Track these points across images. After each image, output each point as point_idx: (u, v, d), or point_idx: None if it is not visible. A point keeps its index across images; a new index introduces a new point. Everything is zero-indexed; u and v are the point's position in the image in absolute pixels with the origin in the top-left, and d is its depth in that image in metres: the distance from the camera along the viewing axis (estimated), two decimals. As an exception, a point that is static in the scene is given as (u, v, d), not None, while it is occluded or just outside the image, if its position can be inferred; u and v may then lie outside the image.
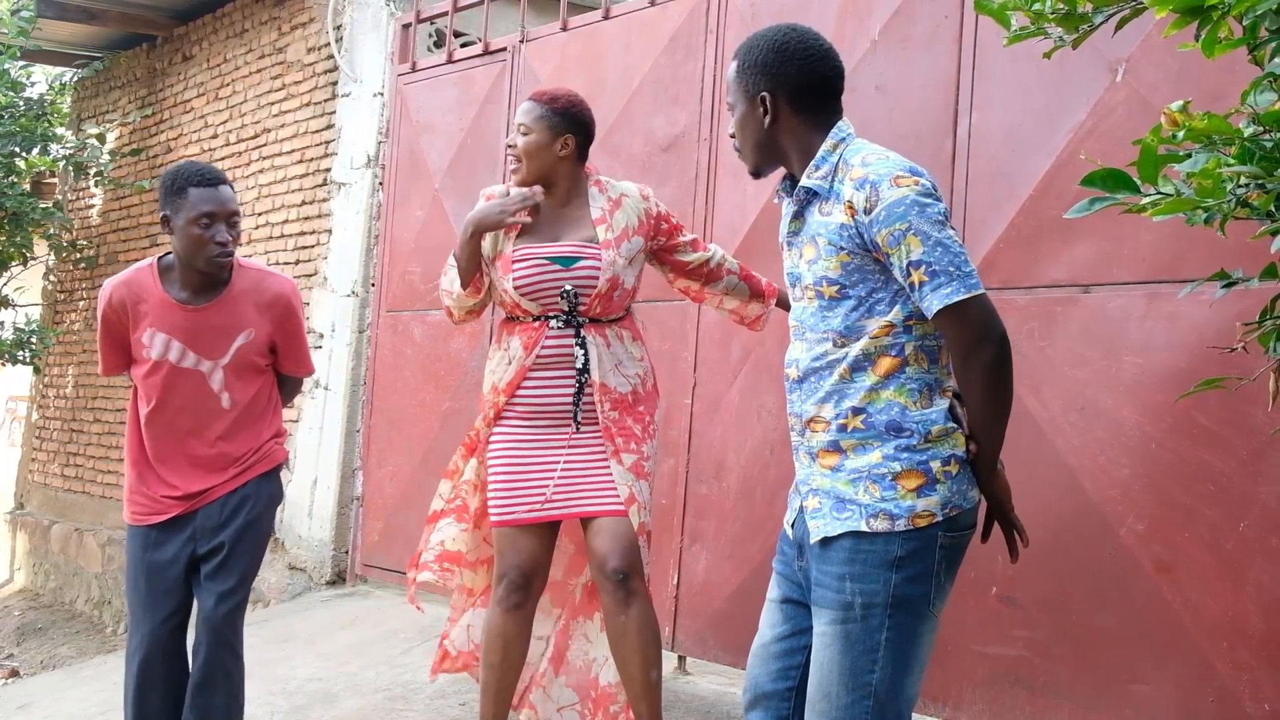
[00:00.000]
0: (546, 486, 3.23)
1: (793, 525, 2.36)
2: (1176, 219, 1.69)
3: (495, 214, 3.25)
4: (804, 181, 2.30)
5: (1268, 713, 2.84)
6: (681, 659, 4.29)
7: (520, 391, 3.27)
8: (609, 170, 4.67)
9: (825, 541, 2.21)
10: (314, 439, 6.35)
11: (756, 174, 2.45)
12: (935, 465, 2.18)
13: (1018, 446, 3.31)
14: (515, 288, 3.24)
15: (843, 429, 2.22)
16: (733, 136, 2.43)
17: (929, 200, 2.17)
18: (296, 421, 6.50)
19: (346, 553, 6.08)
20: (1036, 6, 1.84)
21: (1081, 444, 3.20)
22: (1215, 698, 2.92)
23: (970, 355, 2.16)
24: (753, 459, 4.03)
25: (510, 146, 3.32)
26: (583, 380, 3.24)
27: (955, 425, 2.22)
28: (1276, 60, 1.66)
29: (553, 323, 3.24)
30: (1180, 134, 1.66)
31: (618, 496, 3.20)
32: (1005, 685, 3.30)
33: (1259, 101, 1.62)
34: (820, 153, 2.30)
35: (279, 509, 3.66)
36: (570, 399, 3.24)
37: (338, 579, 6.09)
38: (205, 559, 3.26)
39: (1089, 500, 3.18)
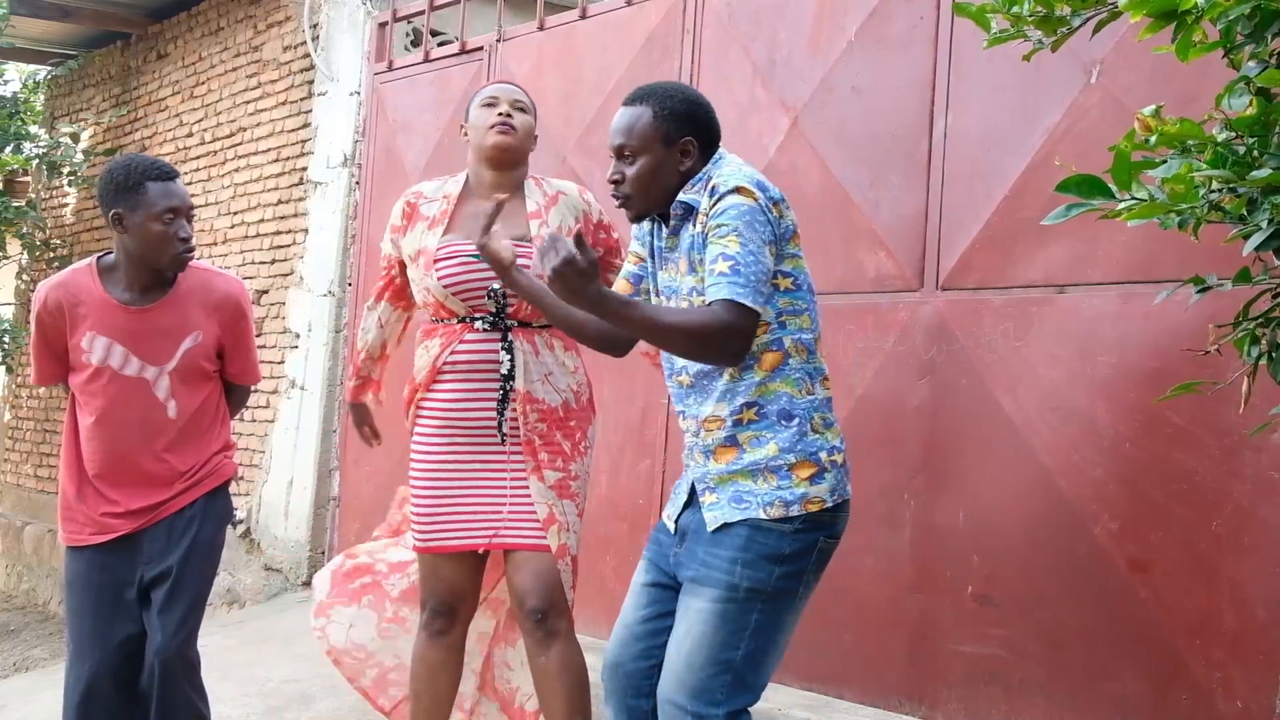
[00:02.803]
0: (470, 510, 3.01)
1: (676, 519, 2.48)
2: (1150, 221, 1.70)
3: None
4: (681, 195, 2.42)
5: (1240, 710, 2.86)
6: (659, 659, 4.29)
7: (441, 402, 3.04)
8: (585, 171, 4.68)
9: (724, 527, 2.35)
10: (290, 439, 6.32)
11: (640, 219, 2.52)
12: (823, 456, 2.36)
13: (993, 446, 3.34)
14: (443, 286, 2.99)
15: (738, 423, 2.37)
16: (616, 182, 2.46)
17: (763, 217, 2.31)
18: (272, 421, 6.47)
19: (323, 554, 6.06)
20: (1015, 9, 1.85)
21: (1056, 443, 3.22)
22: (1188, 695, 2.95)
23: (711, 315, 2.21)
24: (730, 459, 4.03)
25: (507, 115, 3.04)
26: (507, 388, 2.99)
27: (834, 418, 2.42)
28: (1250, 64, 1.67)
29: (478, 324, 3.01)
30: (1153, 139, 1.67)
31: (539, 526, 2.96)
32: (981, 684, 3.32)
33: (1233, 105, 1.63)
34: (699, 174, 2.44)
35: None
36: (494, 410, 3.00)
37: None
38: (154, 585, 3.05)
39: (1064, 499, 3.19)
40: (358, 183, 6.07)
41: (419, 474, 3.07)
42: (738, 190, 2.31)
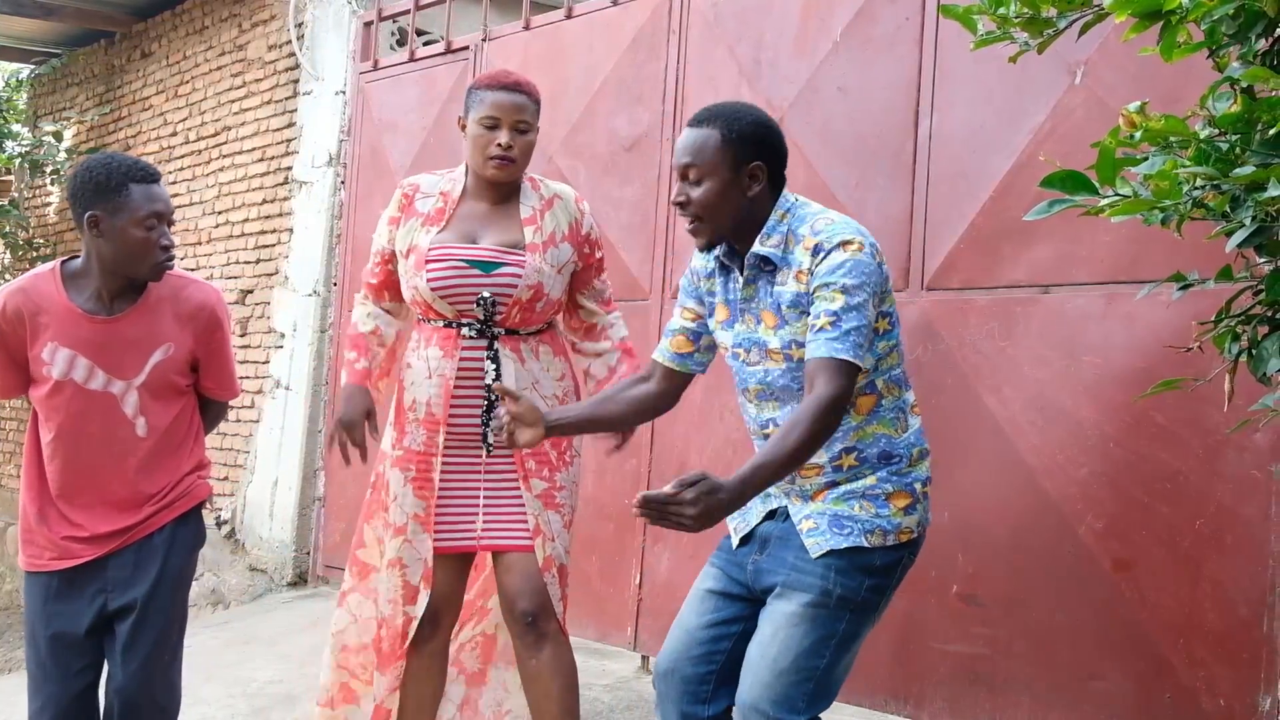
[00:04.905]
0: (456, 512, 2.98)
1: (750, 531, 2.47)
2: (1134, 220, 1.71)
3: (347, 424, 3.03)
4: (756, 248, 2.39)
5: (1222, 708, 2.87)
6: (644, 659, 4.29)
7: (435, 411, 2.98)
8: (571, 171, 4.68)
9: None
10: (275, 439, 6.30)
11: (711, 247, 2.48)
12: (917, 487, 2.40)
13: (978, 446, 3.34)
14: (431, 288, 2.95)
15: (838, 469, 2.38)
16: (682, 205, 2.42)
17: (872, 267, 2.31)
18: (257, 422, 6.45)
19: (308, 554, 6.04)
20: (1001, 11, 1.85)
21: (1041, 443, 3.23)
22: (1172, 694, 2.96)
23: (819, 403, 2.21)
24: (715, 458, 4.04)
25: (507, 148, 2.95)
26: (492, 398, 2.94)
27: (927, 447, 2.44)
28: (1235, 64, 1.68)
29: (465, 330, 2.96)
30: (1137, 135, 1.68)
31: (527, 528, 2.94)
32: (966, 683, 3.33)
33: (1217, 107, 1.64)
34: (770, 221, 2.41)
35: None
36: (479, 418, 2.97)
37: (299, 580, 6.05)
38: (118, 617, 2.85)
39: (1048, 499, 3.20)
40: (343, 182, 6.06)
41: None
42: (843, 245, 2.30)
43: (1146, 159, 1.66)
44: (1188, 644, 2.95)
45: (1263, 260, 1.78)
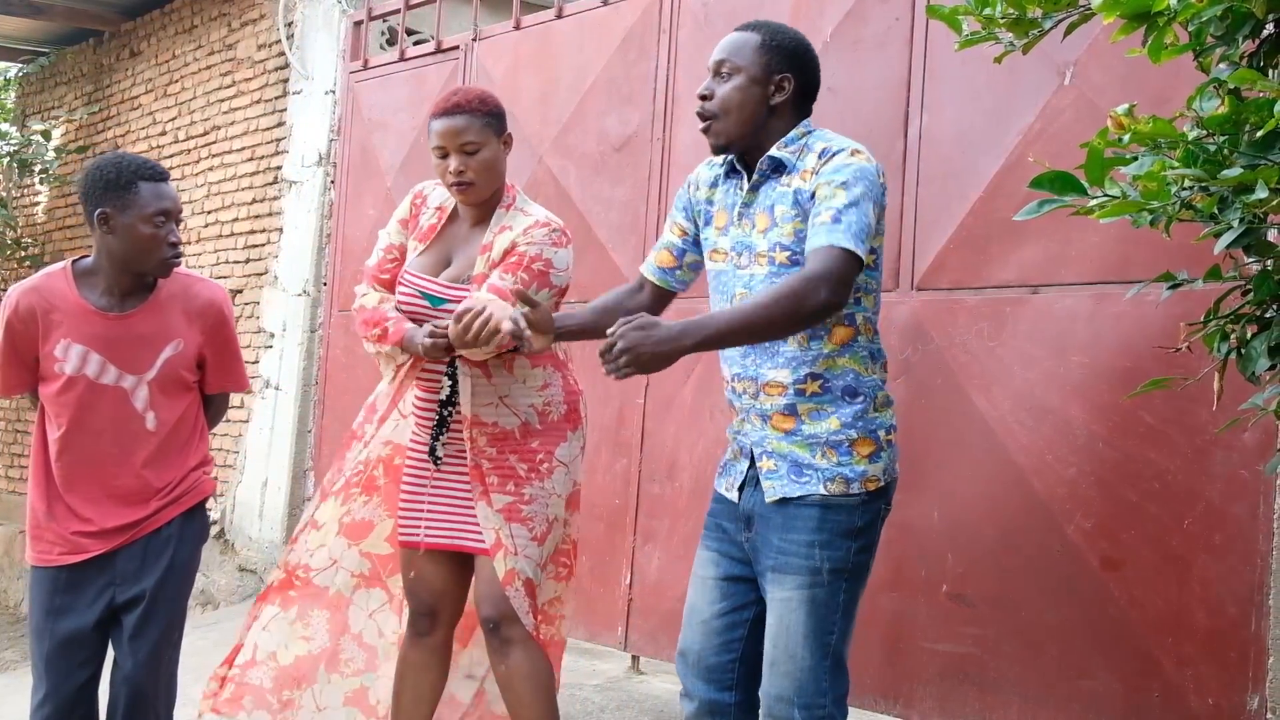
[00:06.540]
0: (438, 511, 3.04)
1: (739, 492, 2.48)
2: (1123, 221, 1.71)
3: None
4: (773, 151, 2.43)
5: (1211, 707, 2.88)
6: (635, 659, 4.29)
7: (412, 407, 3.09)
8: (561, 171, 4.68)
9: (784, 504, 2.36)
10: (264, 439, 6.29)
11: (724, 150, 2.49)
12: (881, 434, 2.40)
13: (967, 445, 3.35)
14: (397, 306, 3.02)
15: (800, 393, 2.38)
16: (705, 99, 2.47)
17: (875, 180, 2.36)
18: (247, 422, 6.44)
19: (297, 554, 6.03)
20: (987, 11, 1.86)
21: (1030, 443, 3.24)
22: (1161, 693, 2.97)
23: (807, 281, 2.21)
24: (706, 458, 4.04)
25: (460, 172, 2.91)
26: (445, 414, 2.99)
27: (892, 397, 2.47)
28: (1221, 66, 1.69)
29: None
30: (1126, 137, 1.69)
31: (480, 534, 2.95)
32: (955, 682, 3.33)
33: (1204, 108, 1.65)
34: (792, 134, 2.46)
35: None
36: (430, 430, 3.02)
37: (289, 580, 6.04)
38: (125, 609, 2.92)
39: (1037, 498, 3.21)
40: (333, 182, 6.05)
41: (408, 467, 3.11)
42: (852, 151, 2.36)
43: (1135, 160, 1.67)
44: (1176, 643, 2.96)
45: (1251, 260, 1.79)
